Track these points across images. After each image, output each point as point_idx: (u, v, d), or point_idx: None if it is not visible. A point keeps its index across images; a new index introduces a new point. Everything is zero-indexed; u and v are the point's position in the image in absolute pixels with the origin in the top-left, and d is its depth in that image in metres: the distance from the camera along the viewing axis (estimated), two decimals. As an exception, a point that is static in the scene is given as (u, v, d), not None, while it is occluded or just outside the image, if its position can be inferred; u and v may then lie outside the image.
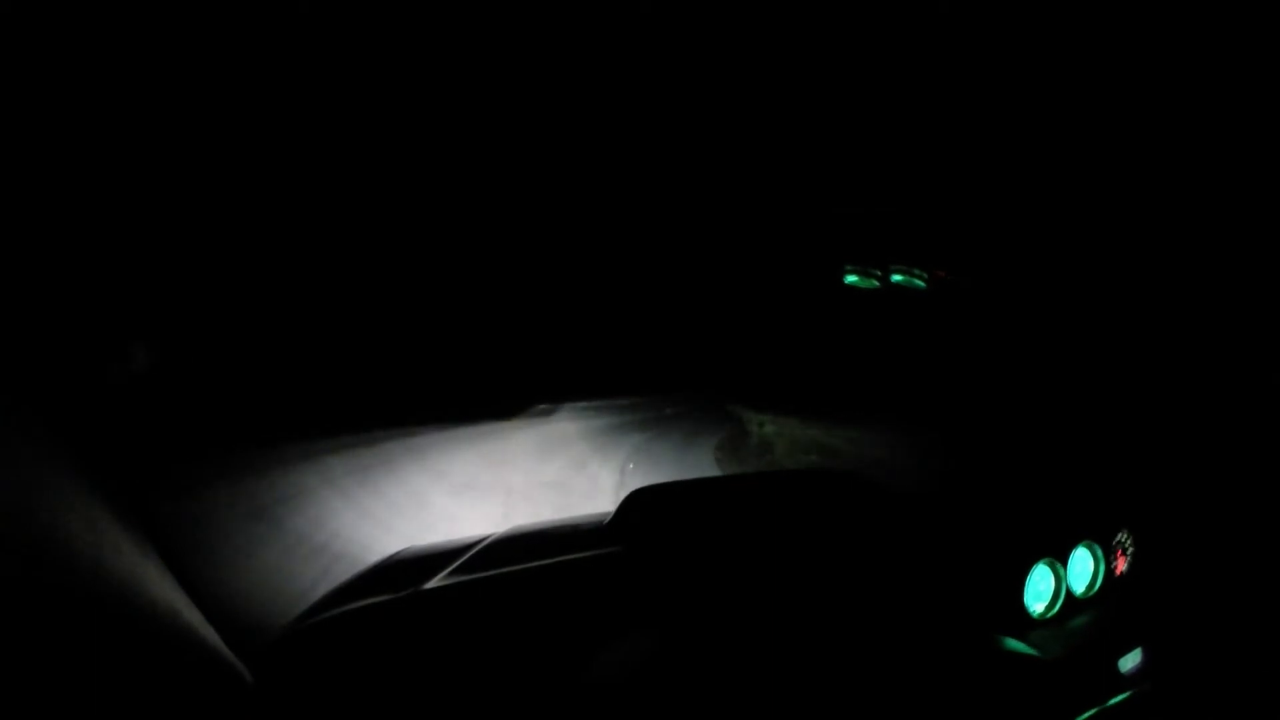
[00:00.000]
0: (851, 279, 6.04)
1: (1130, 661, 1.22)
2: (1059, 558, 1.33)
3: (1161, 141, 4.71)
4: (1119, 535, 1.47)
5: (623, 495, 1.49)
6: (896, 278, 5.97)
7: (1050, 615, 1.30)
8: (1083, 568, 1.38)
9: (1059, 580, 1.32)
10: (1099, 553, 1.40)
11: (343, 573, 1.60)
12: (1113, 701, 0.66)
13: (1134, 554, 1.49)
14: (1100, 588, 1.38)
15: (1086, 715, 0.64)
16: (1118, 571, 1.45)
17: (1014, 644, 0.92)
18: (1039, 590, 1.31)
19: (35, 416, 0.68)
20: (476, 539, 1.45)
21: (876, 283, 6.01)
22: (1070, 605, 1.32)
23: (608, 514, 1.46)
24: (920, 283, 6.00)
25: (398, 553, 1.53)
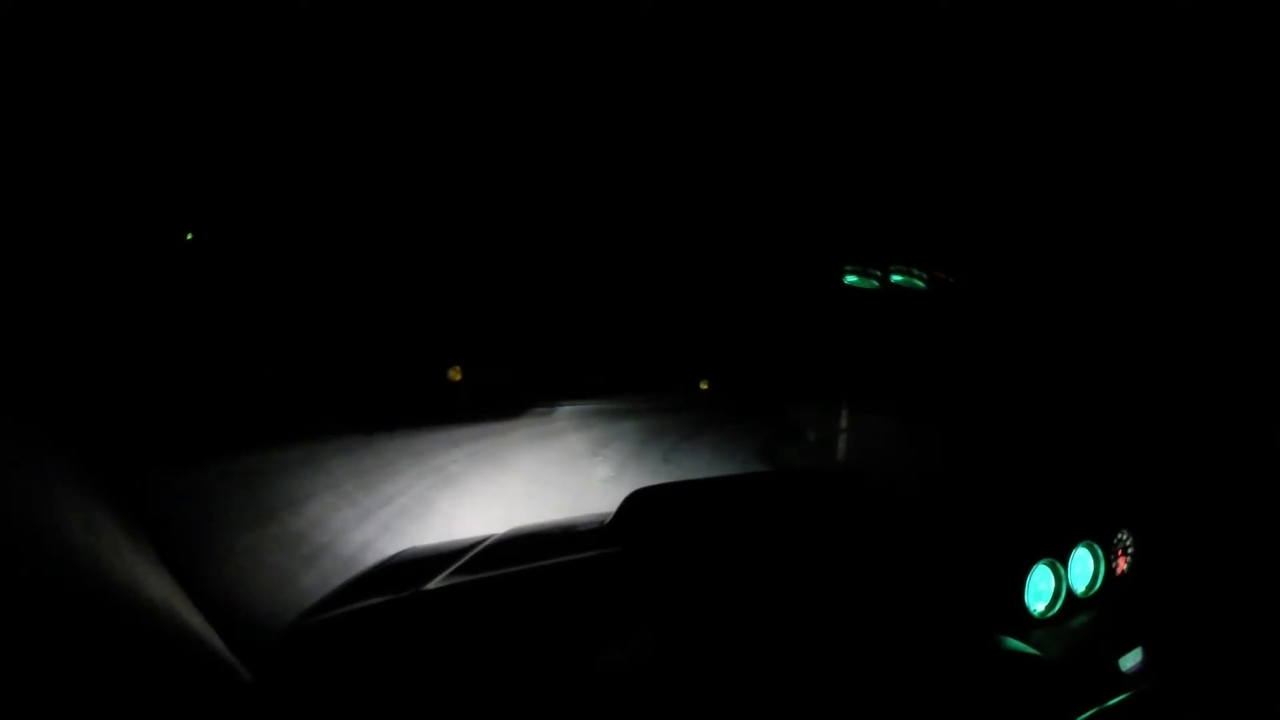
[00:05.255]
0: (851, 279, 6.05)
1: (1130, 661, 1.22)
2: (1059, 557, 1.33)
3: (1162, 143, 4.71)
4: (1119, 535, 1.47)
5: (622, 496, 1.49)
6: (896, 278, 5.98)
7: (1051, 615, 1.30)
8: (1083, 567, 1.38)
9: (1059, 580, 1.32)
10: (1099, 552, 1.40)
11: (343, 573, 1.61)
12: (1112, 702, 0.66)
13: (1134, 554, 1.49)
14: (1100, 587, 1.38)
15: (1086, 715, 0.64)
16: (1118, 571, 1.45)
17: (1014, 643, 0.92)
18: (1039, 590, 1.31)
19: (36, 419, 0.68)
20: (477, 539, 1.45)
21: (876, 283, 6.01)
22: (1071, 605, 1.32)
23: (608, 514, 1.46)
24: (920, 283, 6.00)
25: (398, 553, 1.53)
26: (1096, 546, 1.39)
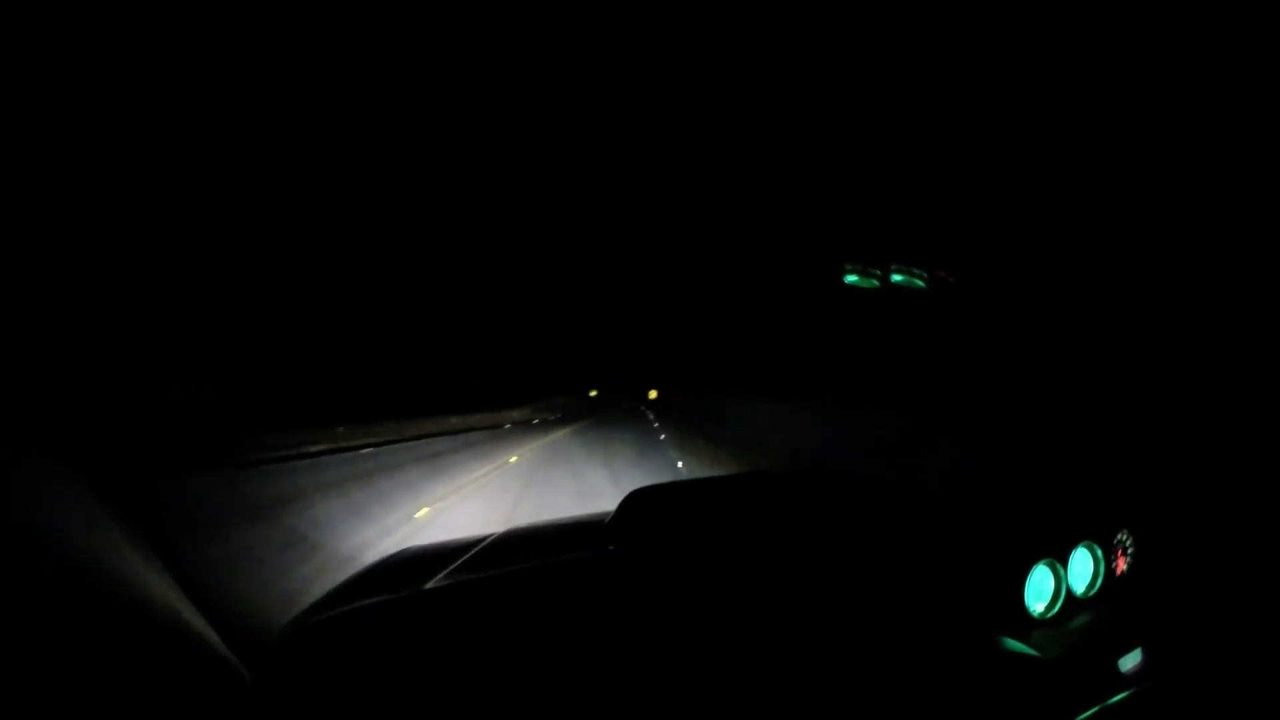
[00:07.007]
0: (851, 279, 6.04)
1: (1130, 661, 1.22)
2: (1059, 558, 1.33)
3: (1161, 142, 4.71)
4: (1119, 535, 1.47)
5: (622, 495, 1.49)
6: (896, 278, 5.98)
7: (1051, 615, 1.30)
8: (1083, 568, 1.38)
9: (1059, 580, 1.32)
10: (1099, 553, 1.40)
11: (343, 573, 1.61)
12: (1112, 701, 0.66)
13: (1134, 554, 1.49)
14: (1100, 588, 1.38)
15: (1086, 715, 0.64)
16: (1118, 571, 1.45)
17: (1014, 644, 0.92)
18: (1039, 590, 1.31)
19: (37, 419, 0.68)
20: (476, 539, 1.45)
21: (876, 283, 6.01)
22: (1070, 605, 1.32)
23: (607, 514, 1.46)
24: (920, 283, 6.00)
25: (398, 553, 1.53)
26: (1096, 547, 1.39)
